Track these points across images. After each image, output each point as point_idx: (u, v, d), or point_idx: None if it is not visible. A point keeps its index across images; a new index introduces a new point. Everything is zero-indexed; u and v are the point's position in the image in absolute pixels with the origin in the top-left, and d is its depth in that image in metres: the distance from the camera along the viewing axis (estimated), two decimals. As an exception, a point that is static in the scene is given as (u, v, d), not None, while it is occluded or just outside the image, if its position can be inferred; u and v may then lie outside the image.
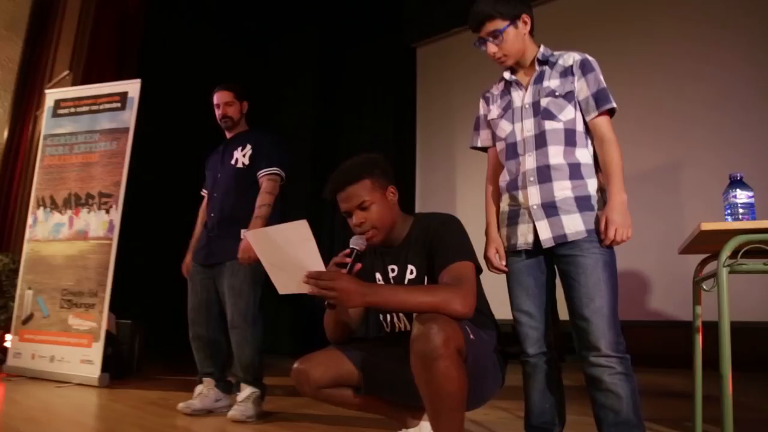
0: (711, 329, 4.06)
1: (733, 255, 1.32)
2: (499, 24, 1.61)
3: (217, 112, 2.88)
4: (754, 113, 4.12)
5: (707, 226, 1.34)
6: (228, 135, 2.94)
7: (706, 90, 4.35)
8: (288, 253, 1.50)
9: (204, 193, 3.01)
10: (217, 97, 2.87)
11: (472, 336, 1.50)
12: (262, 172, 2.75)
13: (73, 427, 2.41)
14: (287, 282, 1.55)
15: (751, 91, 4.16)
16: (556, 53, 1.70)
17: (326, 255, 1.48)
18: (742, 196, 1.41)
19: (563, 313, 1.60)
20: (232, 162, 2.82)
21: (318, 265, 1.46)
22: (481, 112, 1.83)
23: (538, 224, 1.56)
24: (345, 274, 1.47)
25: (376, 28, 6.38)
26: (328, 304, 1.66)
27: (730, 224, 1.34)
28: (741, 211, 1.39)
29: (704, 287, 1.57)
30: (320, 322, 1.85)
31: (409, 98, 6.18)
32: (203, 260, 2.77)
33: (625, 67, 4.65)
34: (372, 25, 6.38)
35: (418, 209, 5.61)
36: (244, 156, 2.80)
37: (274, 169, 2.76)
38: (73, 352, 3.49)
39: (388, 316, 1.81)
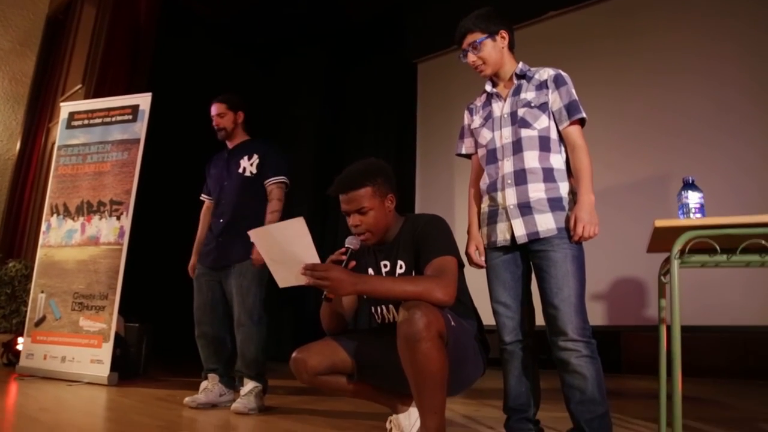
0: (700, 333, 4.17)
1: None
2: (478, 36, 1.81)
3: (213, 123, 3.07)
4: (747, 122, 4.25)
5: (660, 223, 1.50)
6: (229, 145, 3.10)
7: (696, 101, 4.50)
8: (286, 249, 1.67)
9: (204, 198, 3.18)
10: (212, 109, 3.07)
11: (453, 323, 1.66)
12: (270, 181, 2.94)
13: (84, 416, 2.57)
14: (286, 275, 1.72)
15: (743, 101, 4.29)
16: (532, 69, 1.87)
17: (328, 255, 1.64)
18: (693, 197, 1.57)
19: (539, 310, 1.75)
20: (240, 171, 2.99)
21: (314, 258, 1.63)
22: (466, 122, 2.01)
23: (513, 222, 1.72)
24: (337, 266, 1.64)
25: (379, 45, 6.59)
26: (325, 297, 1.83)
27: (679, 221, 1.50)
28: (693, 210, 1.55)
29: (663, 279, 1.72)
30: (321, 333, 2.01)
31: (410, 112, 6.38)
32: (211, 263, 2.94)
33: (616, 82, 4.83)
34: (375, 42, 6.60)
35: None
36: (251, 165, 2.97)
37: (282, 178, 2.96)
38: (83, 353, 3.65)
39: (379, 309, 1.96)
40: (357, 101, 6.78)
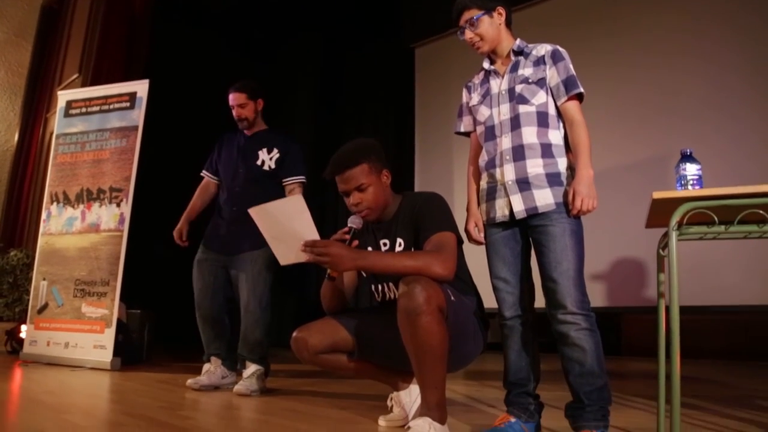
0: (701, 316, 4.19)
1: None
2: (475, 12, 1.80)
3: (234, 113, 3.02)
4: (744, 103, 4.25)
5: (658, 194, 1.50)
6: (247, 132, 3.07)
7: (693, 82, 4.50)
8: (286, 226, 1.68)
9: (205, 174, 3.17)
10: (231, 99, 3.01)
11: (453, 298, 1.67)
12: (290, 180, 2.95)
13: (88, 398, 2.59)
14: (287, 253, 1.73)
15: (743, 84, 4.29)
16: (530, 45, 1.87)
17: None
18: (691, 169, 1.56)
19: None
20: (258, 163, 2.96)
21: (313, 235, 1.64)
22: (464, 100, 2.00)
23: (512, 198, 1.72)
24: (337, 242, 1.65)
25: (376, 31, 6.56)
26: (328, 276, 1.84)
27: (677, 193, 1.50)
28: (690, 182, 1.55)
29: (661, 253, 1.73)
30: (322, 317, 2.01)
31: (408, 96, 6.37)
32: (218, 249, 2.94)
33: (615, 63, 4.82)
34: (371, 28, 6.57)
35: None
36: (270, 159, 2.96)
37: (302, 178, 2.97)
38: (86, 338, 3.67)
39: (380, 286, 1.97)
40: (354, 87, 6.77)
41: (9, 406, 2.28)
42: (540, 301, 1.75)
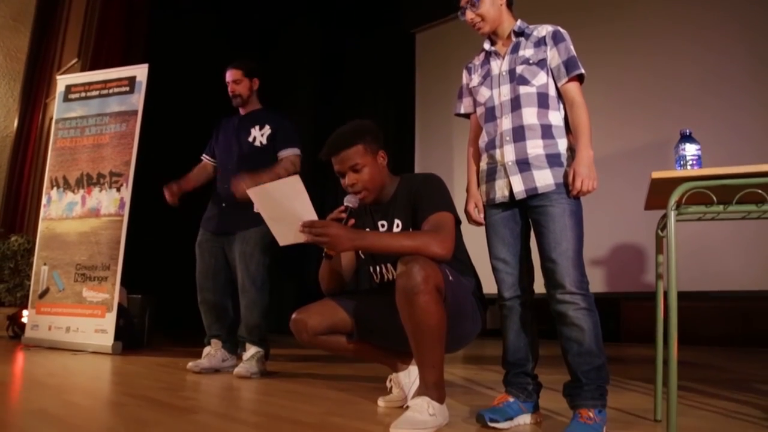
0: (699, 302, 4.20)
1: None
2: None
3: (228, 89, 3.03)
4: (743, 90, 4.24)
5: (657, 174, 1.50)
6: (242, 112, 3.07)
7: (693, 69, 4.47)
8: (285, 206, 1.68)
9: (205, 157, 3.18)
10: (228, 75, 3.02)
11: (451, 278, 1.68)
12: (285, 152, 2.92)
13: (91, 380, 2.61)
14: (286, 233, 1.73)
15: (741, 71, 4.27)
16: (531, 26, 1.85)
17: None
18: (690, 149, 1.56)
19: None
20: (250, 139, 2.96)
21: (311, 215, 1.64)
22: (464, 81, 1.99)
23: (512, 179, 1.72)
24: (335, 222, 1.65)
25: (376, 16, 6.51)
26: (325, 255, 1.85)
27: (677, 172, 1.49)
28: (690, 162, 1.55)
29: (660, 233, 1.73)
30: None
31: (409, 83, 6.34)
32: (214, 229, 2.95)
33: (613, 50, 4.79)
34: (372, 13, 6.52)
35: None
36: (262, 135, 2.95)
37: (295, 150, 2.94)
38: (87, 323, 3.69)
39: (378, 268, 1.98)
40: (355, 73, 6.73)
41: (11, 387, 2.30)
42: (539, 287, 1.75)
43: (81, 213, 3.98)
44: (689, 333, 3.69)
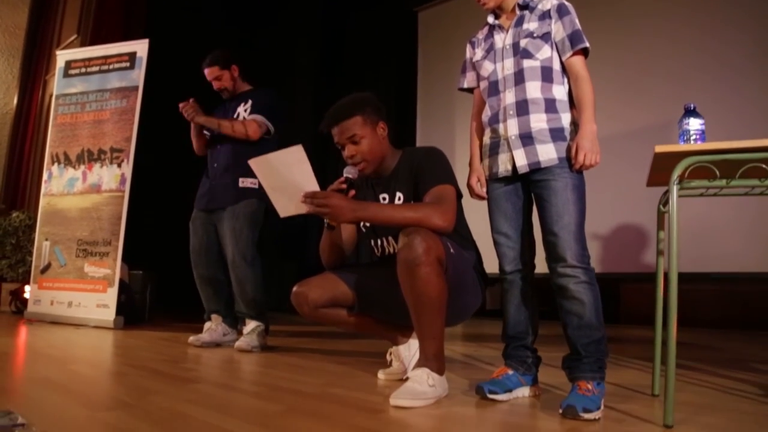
0: (699, 285, 4.21)
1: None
2: None
3: (214, 87, 3.05)
4: (744, 75, 4.20)
5: (660, 148, 1.49)
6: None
7: (695, 51, 4.43)
8: (286, 177, 1.68)
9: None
10: (207, 75, 3.03)
11: (452, 250, 1.68)
12: (251, 116, 2.91)
13: (93, 352, 2.63)
14: (287, 204, 1.73)
15: (743, 58, 4.23)
16: (535, 0, 1.83)
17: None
18: (694, 123, 1.55)
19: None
20: (234, 116, 2.98)
21: (313, 186, 1.64)
22: (468, 55, 1.98)
23: (515, 152, 1.71)
24: (337, 193, 1.65)
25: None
26: (328, 226, 1.85)
27: (680, 147, 1.48)
28: (693, 136, 1.54)
29: (662, 209, 1.72)
30: None
31: (411, 61, 6.30)
32: (205, 206, 2.98)
33: (614, 29, 4.75)
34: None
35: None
36: (245, 111, 2.97)
37: (259, 118, 2.90)
38: (89, 298, 3.71)
39: (379, 241, 1.98)
40: (356, 50, 6.67)
41: (16, 358, 2.32)
42: (540, 267, 1.75)
43: (82, 189, 3.98)
44: (688, 315, 3.70)
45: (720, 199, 1.92)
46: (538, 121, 1.71)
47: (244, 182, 2.87)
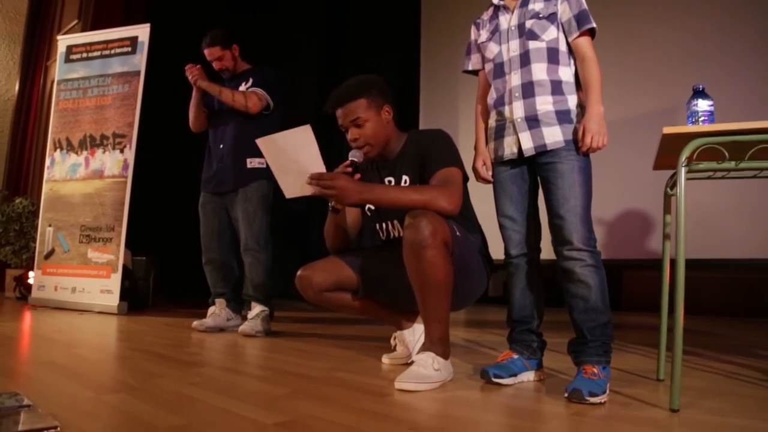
0: (704, 272, 4.19)
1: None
2: None
3: (214, 67, 3.02)
4: (749, 64, 4.16)
5: (668, 129, 1.47)
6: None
7: (701, 37, 4.38)
8: (293, 157, 1.66)
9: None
10: (207, 55, 3.00)
11: (458, 234, 1.67)
12: (251, 89, 2.89)
13: (97, 337, 2.64)
14: (293, 185, 1.71)
15: (748, 40, 4.18)
16: (541, -21, 1.80)
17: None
18: (703, 104, 1.53)
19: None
20: None
21: (320, 167, 1.62)
22: (472, 37, 1.95)
23: (521, 135, 1.70)
24: (343, 175, 1.63)
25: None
26: (332, 208, 1.84)
27: (688, 128, 1.46)
28: (702, 118, 1.52)
29: (669, 191, 1.71)
30: None
31: (414, 43, 6.25)
32: (214, 189, 2.96)
33: (620, 15, 4.69)
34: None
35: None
36: (247, 90, 2.94)
37: (260, 91, 2.88)
38: (93, 283, 3.72)
39: (384, 225, 1.97)
40: (359, 32, 6.60)
41: (21, 342, 2.33)
42: (546, 254, 1.74)
43: (85, 174, 3.97)
44: (693, 303, 3.69)
45: (723, 186, 1.91)
46: (544, 104, 1.69)
47: (252, 162, 2.86)
